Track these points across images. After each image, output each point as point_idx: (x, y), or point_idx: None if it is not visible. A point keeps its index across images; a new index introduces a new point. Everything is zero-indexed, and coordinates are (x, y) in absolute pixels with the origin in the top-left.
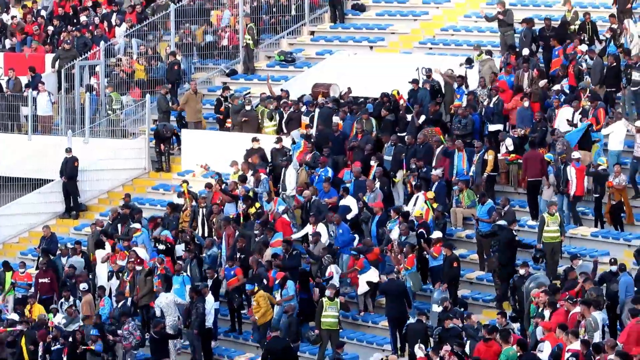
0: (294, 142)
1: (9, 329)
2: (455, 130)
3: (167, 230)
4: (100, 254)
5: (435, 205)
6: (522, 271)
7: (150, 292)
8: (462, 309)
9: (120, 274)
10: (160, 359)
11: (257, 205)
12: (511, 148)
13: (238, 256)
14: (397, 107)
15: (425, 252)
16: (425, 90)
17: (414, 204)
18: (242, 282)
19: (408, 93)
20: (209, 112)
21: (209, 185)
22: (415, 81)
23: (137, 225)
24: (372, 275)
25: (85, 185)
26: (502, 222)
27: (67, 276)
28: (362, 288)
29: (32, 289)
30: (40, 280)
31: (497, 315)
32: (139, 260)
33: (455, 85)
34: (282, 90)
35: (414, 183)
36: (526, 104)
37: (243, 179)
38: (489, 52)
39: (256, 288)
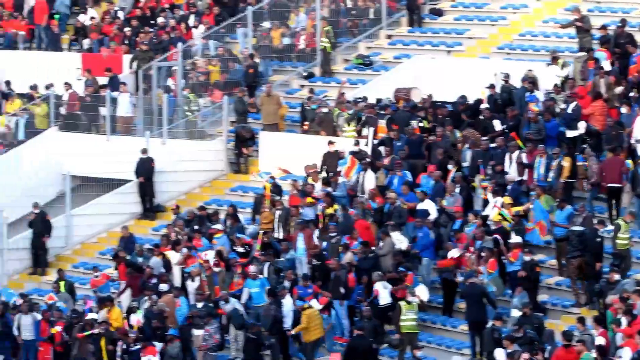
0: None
1: (87, 333)
2: (530, 135)
3: (243, 233)
4: (174, 256)
5: (513, 210)
6: (612, 276)
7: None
8: (541, 315)
9: (197, 274)
10: None
11: (335, 207)
12: None
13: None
14: (477, 111)
15: (503, 257)
16: (504, 95)
17: (491, 209)
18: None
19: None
20: (292, 115)
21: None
22: (492, 86)
23: (218, 226)
24: (422, 291)
25: (162, 187)
26: (577, 228)
27: (148, 276)
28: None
29: (116, 289)
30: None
31: (576, 322)
32: (217, 261)
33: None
34: (341, 93)
35: (490, 187)
36: (624, 110)
37: (326, 182)
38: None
39: (306, 305)
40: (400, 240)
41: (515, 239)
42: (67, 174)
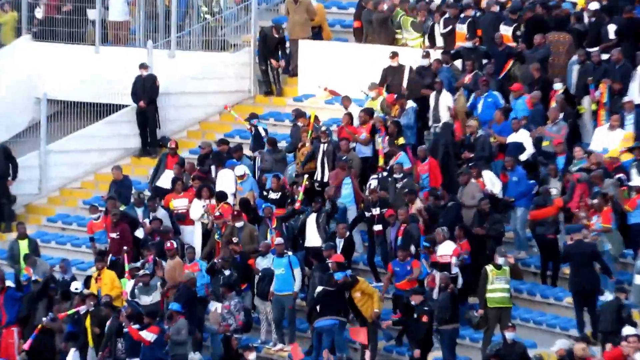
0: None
1: (70, 312)
2: None
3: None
4: (195, 207)
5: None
6: None
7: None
8: None
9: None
10: None
11: (401, 140)
12: None
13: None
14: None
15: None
16: None
17: (608, 142)
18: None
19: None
20: (337, 18)
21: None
22: None
23: (240, 170)
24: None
25: (169, 113)
26: None
27: (151, 232)
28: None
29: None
30: (110, 236)
31: None
32: (236, 212)
33: None
34: None
35: (604, 113)
36: None
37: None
38: None
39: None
40: (492, 183)
41: (636, 180)
42: (43, 97)
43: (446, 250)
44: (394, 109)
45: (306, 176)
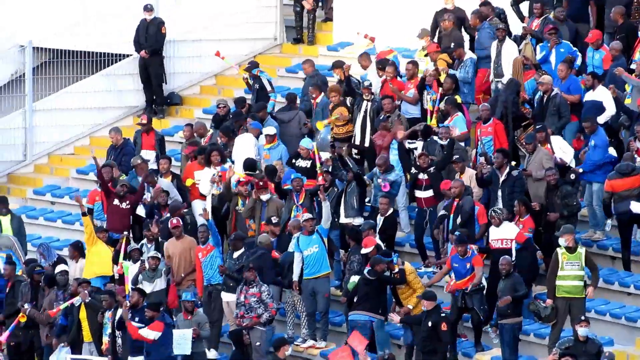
0: None
1: (63, 306)
2: None
3: (309, 139)
4: (205, 176)
5: None
6: None
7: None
8: None
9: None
10: None
11: (459, 99)
12: None
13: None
14: None
15: None
16: None
17: None
18: None
19: None
20: None
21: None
22: None
23: (271, 130)
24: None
25: (177, 65)
26: None
27: (157, 206)
28: None
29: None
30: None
31: None
32: (261, 183)
33: None
34: None
35: None
36: None
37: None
38: None
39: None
40: (563, 150)
41: None
42: (28, 45)
43: (504, 233)
44: (440, 60)
45: (314, 143)
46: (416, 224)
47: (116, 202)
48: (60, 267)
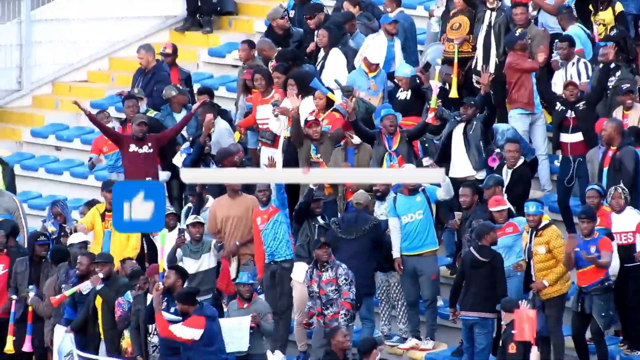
0: None
1: (69, 293)
2: None
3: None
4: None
5: None
6: None
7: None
8: None
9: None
10: None
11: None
12: None
13: None
14: None
15: None
16: None
17: None
18: None
19: None
20: None
21: None
22: None
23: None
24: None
25: None
26: None
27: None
28: None
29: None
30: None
31: None
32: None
33: None
34: None
35: None
36: None
37: None
38: None
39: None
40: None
41: None
42: None
43: (624, 224)
44: None
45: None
46: (559, 180)
47: (133, 147)
48: (76, 237)
